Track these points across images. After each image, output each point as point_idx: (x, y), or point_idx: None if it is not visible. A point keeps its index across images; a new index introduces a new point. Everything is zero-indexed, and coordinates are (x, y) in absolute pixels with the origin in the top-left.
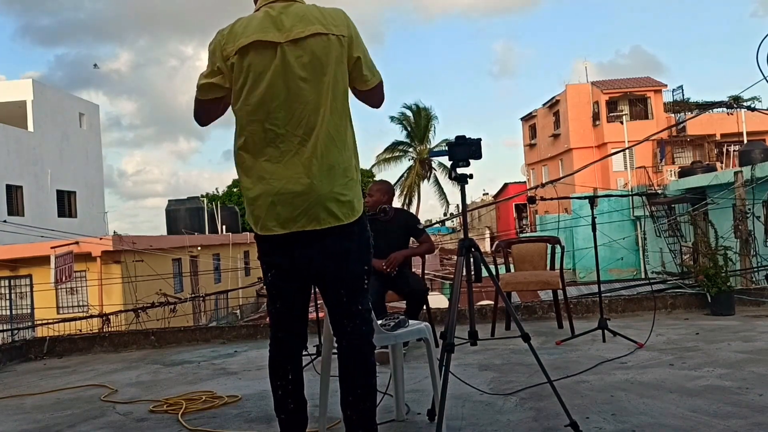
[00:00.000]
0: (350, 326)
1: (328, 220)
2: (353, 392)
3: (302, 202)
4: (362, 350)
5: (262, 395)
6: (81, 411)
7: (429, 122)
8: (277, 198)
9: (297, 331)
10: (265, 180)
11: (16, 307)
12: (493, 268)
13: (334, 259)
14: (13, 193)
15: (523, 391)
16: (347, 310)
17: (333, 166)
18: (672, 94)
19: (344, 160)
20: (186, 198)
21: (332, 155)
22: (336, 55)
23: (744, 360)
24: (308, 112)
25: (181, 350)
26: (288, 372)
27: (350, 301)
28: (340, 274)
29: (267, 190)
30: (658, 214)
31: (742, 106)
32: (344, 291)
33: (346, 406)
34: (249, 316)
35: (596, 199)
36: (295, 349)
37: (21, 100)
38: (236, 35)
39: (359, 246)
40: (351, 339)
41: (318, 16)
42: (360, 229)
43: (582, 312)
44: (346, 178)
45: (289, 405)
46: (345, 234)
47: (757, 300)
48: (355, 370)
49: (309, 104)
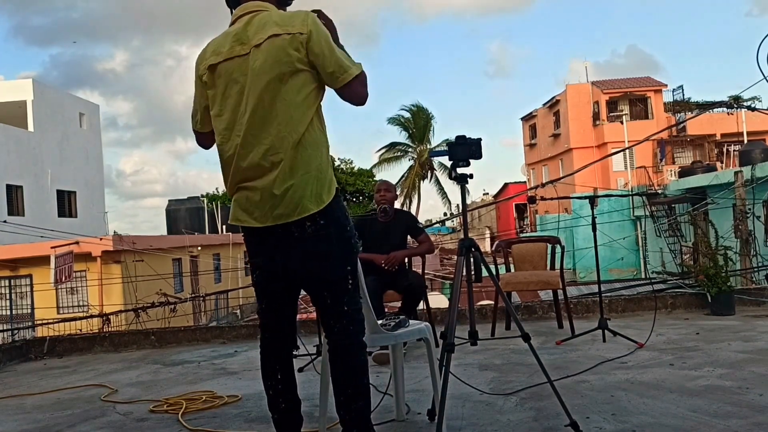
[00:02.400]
0: (337, 326)
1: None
2: (344, 392)
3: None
4: (349, 350)
5: (262, 395)
6: (81, 411)
7: (428, 122)
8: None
9: (284, 332)
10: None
11: (17, 307)
12: (493, 268)
13: (314, 261)
14: (13, 193)
15: (524, 391)
16: (334, 311)
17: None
18: (672, 94)
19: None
20: (186, 198)
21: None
22: (289, 52)
23: (744, 360)
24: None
25: (181, 350)
26: (276, 372)
27: (335, 303)
28: (321, 276)
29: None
30: (658, 214)
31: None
32: (327, 293)
33: (339, 406)
34: (249, 316)
35: (596, 199)
36: (282, 349)
37: (21, 100)
38: (206, 56)
39: (340, 248)
40: (338, 339)
41: (277, 20)
42: (338, 230)
43: (582, 312)
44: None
45: (281, 405)
46: (323, 237)
47: (758, 300)
48: (344, 370)
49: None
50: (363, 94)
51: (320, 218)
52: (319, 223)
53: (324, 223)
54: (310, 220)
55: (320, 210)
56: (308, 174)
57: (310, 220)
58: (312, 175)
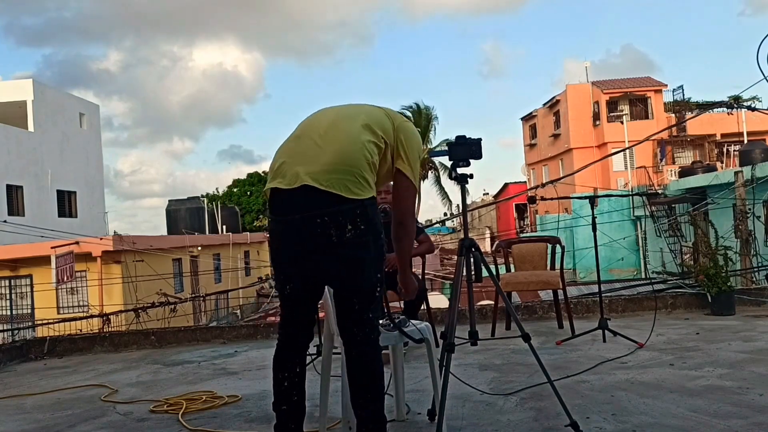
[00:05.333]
0: (360, 335)
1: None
2: (364, 396)
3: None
4: (372, 357)
5: (263, 395)
6: (81, 411)
7: (429, 122)
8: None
9: (307, 327)
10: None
11: (17, 307)
12: (493, 268)
13: (348, 268)
14: (13, 193)
15: (524, 391)
16: (358, 319)
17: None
18: (672, 94)
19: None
20: (186, 198)
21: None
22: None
23: (744, 360)
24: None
25: (181, 350)
26: (296, 365)
27: (362, 310)
28: (354, 284)
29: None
30: (659, 214)
31: (742, 106)
32: (357, 299)
33: (357, 406)
34: (249, 316)
35: (596, 199)
36: (302, 343)
37: (21, 100)
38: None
39: (375, 255)
40: (361, 347)
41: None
42: (375, 237)
43: (582, 312)
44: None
45: (293, 396)
46: (360, 244)
47: (758, 300)
48: (366, 378)
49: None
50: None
51: (361, 223)
52: (360, 228)
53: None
54: (352, 224)
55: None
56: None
57: (352, 224)
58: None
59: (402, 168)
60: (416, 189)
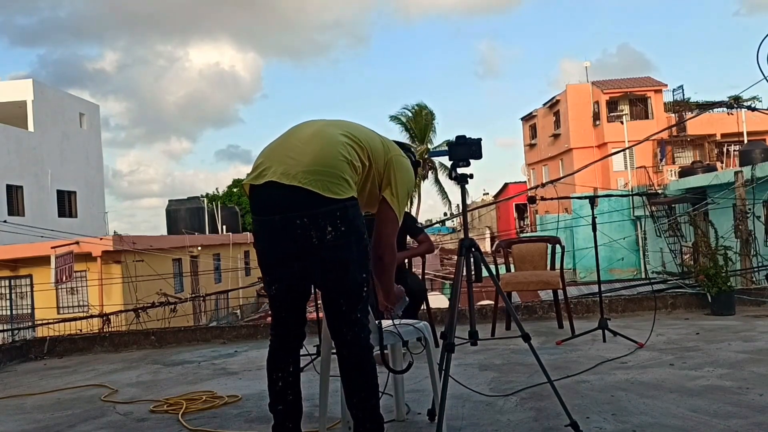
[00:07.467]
0: (350, 335)
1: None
2: (358, 395)
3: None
4: (363, 356)
5: (263, 395)
6: (81, 411)
7: (430, 122)
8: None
9: (298, 328)
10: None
11: (17, 307)
12: (493, 268)
13: (332, 270)
14: (13, 193)
15: (524, 391)
16: (347, 319)
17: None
18: (672, 94)
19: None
20: (186, 198)
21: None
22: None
23: (744, 360)
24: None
25: (181, 350)
26: (289, 365)
27: (349, 310)
28: (339, 285)
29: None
30: (659, 214)
31: (742, 106)
32: (343, 301)
33: (352, 405)
34: (249, 316)
35: (596, 199)
36: (295, 344)
37: (21, 100)
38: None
39: (358, 256)
40: (351, 348)
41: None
42: (357, 238)
43: (582, 312)
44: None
45: (288, 396)
46: (341, 246)
47: (758, 300)
48: (358, 376)
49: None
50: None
51: (341, 225)
52: (341, 230)
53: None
54: (332, 226)
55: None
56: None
57: (332, 226)
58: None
59: (389, 199)
60: (398, 223)
